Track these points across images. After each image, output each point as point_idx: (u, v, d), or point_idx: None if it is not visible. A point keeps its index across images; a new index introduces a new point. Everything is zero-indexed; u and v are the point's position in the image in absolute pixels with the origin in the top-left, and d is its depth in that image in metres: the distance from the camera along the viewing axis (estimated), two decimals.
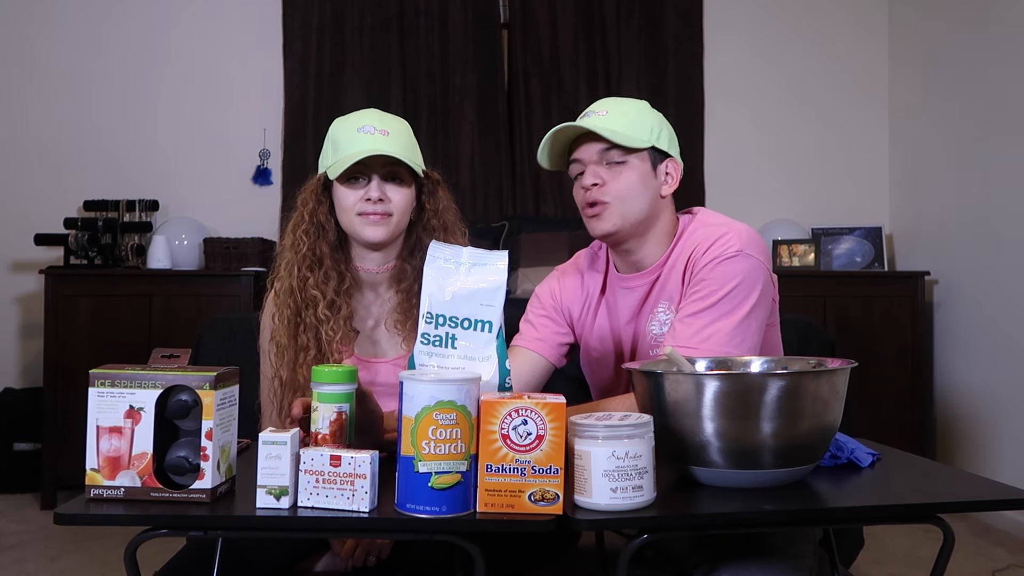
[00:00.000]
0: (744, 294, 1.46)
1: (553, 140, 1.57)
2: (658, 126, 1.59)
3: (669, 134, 1.61)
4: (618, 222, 1.54)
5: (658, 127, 1.58)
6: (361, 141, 1.59)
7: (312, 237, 1.64)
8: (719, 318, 1.45)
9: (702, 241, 1.53)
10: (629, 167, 1.54)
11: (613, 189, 1.53)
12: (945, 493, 1.23)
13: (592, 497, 1.06)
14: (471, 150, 4.26)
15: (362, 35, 4.25)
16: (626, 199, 1.53)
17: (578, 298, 1.70)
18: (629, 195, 1.53)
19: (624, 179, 1.54)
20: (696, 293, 1.48)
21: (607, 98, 1.63)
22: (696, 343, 1.44)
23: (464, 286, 1.23)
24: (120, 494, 1.13)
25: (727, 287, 1.46)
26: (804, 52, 4.40)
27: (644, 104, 1.62)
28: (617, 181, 1.53)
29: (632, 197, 1.54)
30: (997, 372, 3.50)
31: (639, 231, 1.57)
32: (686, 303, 1.50)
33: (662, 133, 1.59)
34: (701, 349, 1.42)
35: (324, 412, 1.20)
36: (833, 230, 4.15)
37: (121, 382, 1.13)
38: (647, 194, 1.55)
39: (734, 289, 1.46)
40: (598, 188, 1.53)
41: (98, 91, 4.22)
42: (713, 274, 1.47)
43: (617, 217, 1.53)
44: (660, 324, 1.56)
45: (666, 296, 1.57)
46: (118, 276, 3.79)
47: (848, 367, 1.19)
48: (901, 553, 2.95)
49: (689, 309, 1.48)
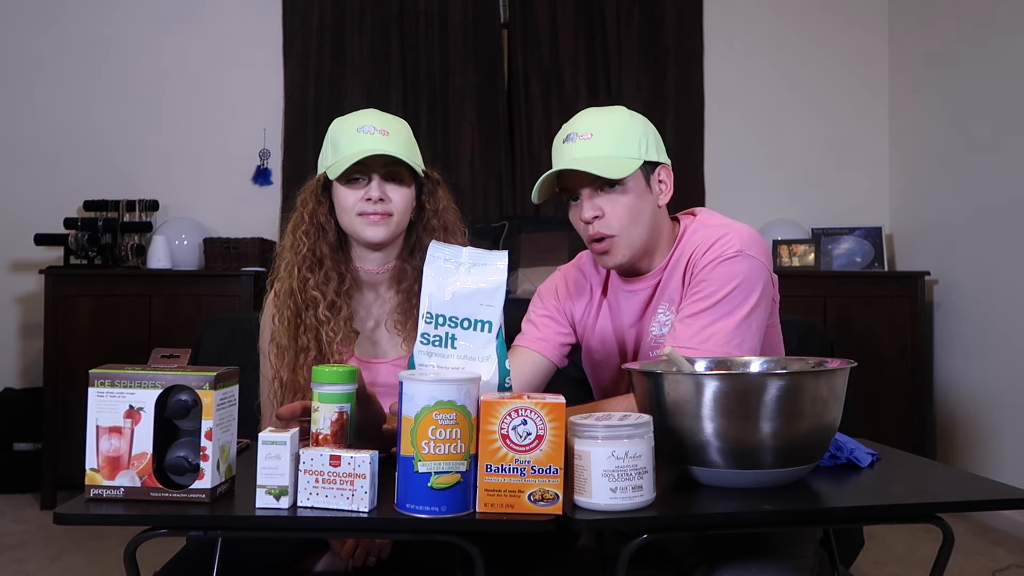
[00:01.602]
0: (744, 295, 1.46)
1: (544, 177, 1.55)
2: (644, 135, 1.53)
3: (656, 140, 1.57)
4: (627, 252, 1.53)
5: (644, 137, 1.53)
6: (361, 141, 1.58)
7: (312, 238, 1.64)
8: (719, 318, 1.45)
9: (702, 242, 1.52)
10: (624, 189, 1.51)
11: (616, 219, 1.51)
12: (945, 493, 1.23)
13: (592, 497, 1.06)
14: (471, 150, 4.26)
15: (362, 35, 4.26)
16: (629, 226, 1.52)
17: (580, 298, 1.70)
18: (631, 220, 1.52)
19: (623, 205, 1.51)
20: (696, 294, 1.48)
21: (588, 112, 1.58)
22: (696, 343, 1.43)
23: (464, 286, 1.23)
24: (120, 494, 1.13)
25: (727, 288, 1.45)
26: (804, 52, 4.41)
27: (625, 113, 1.56)
28: (616, 208, 1.51)
29: (634, 222, 1.52)
30: (997, 372, 3.50)
31: (645, 250, 1.56)
32: (686, 304, 1.49)
33: (649, 142, 1.54)
34: (701, 350, 1.42)
35: (325, 412, 1.20)
36: (833, 230, 4.16)
37: (121, 382, 1.13)
38: (647, 212, 1.54)
39: (734, 290, 1.45)
40: (599, 221, 1.52)
41: (98, 91, 4.22)
42: (713, 275, 1.47)
43: (625, 248, 1.53)
44: (660, 325, 1.56)
45: (666, 298, 1.57)
46: (118, 276, 3.80)
47: (847, 367, 1.19)
48: (901, 553, 2.95)
49: (689, 310, 1.48)
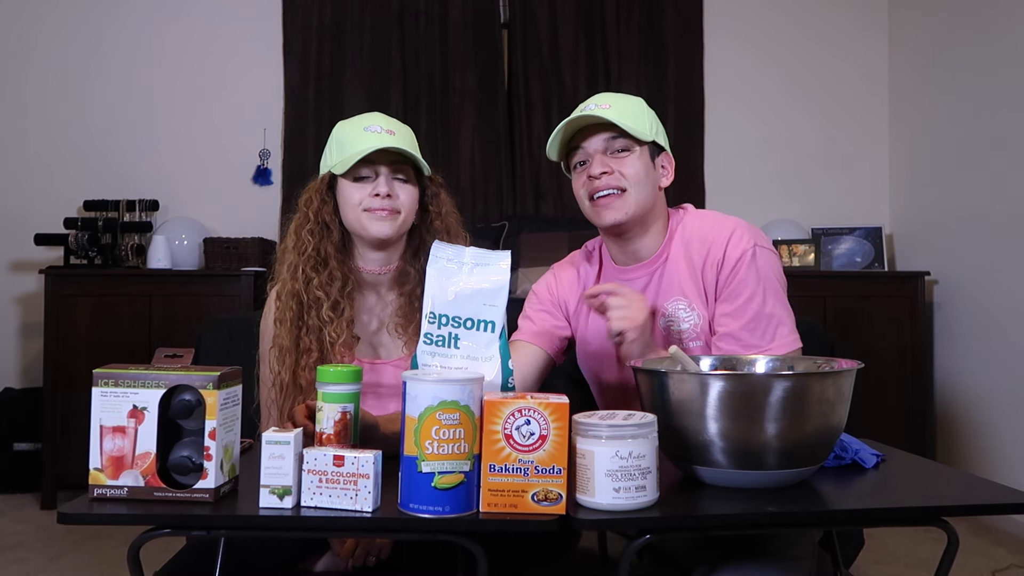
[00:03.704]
0: (780, 285, 1.56)
1: (561, 131, 1.60)
2: (654, 122, 1.65)
3: (663, 132, 1.68)
4: (632, 209, 1.57)
5: (654, 123, 1.65)
6: (368, 139, 1.59)
7: (317, 237, 1.63)
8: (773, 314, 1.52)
9: (715, 239, 1.57)
10: (634, 156, 1.59)
11: (627, 175, 1.57)
12: (949, 496, 1.23)
13: (595, 497, 1.06)
14: (471, 150, 4.26)
15: (362, 35, 4.25)
16: (638, 184, 1.58)
17: (574, 290, 1.73)
18: (640, 180, 1.58)
19: (632, 165, 1.58)
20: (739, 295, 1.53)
21: (606, 93, 1.68)
22: (765, 343, 1.51)
23: (467, 286, 1.23)
24: (123, 494, 1.13)
25: (766, 283, 1.53)
26: (804, 52, 4.40)
27: (640, 100, 1.67)
28: (626, 167, 1.58)
29: (642, 184, 1.58)
30: (997, 372, 3.50)
31: (643, 220, 1.61)
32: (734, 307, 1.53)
33: (659, 129, 1.65)
34: (773, 348, 1.50)
35: (328, 412, 1.20)
36: (833, 230, 4.16)
37: (125, 382, 1.13)
38: (651, 183, 1.61)
39: (772, 282, 1.53)
40: (609, 176, 1.57)
41: (98, 91, 4.22)
42: (748, 274, 1.53)
43: (632, 204, 1.57)
44: (680, 321, 1.58)
45: (676, 291, 1.59)
46: (118, 276, 3.79)
47: (854, 368, 1.19)
48: (901, 553, 2.95)
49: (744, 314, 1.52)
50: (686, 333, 1.57)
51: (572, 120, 1.58)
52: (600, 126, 1.58)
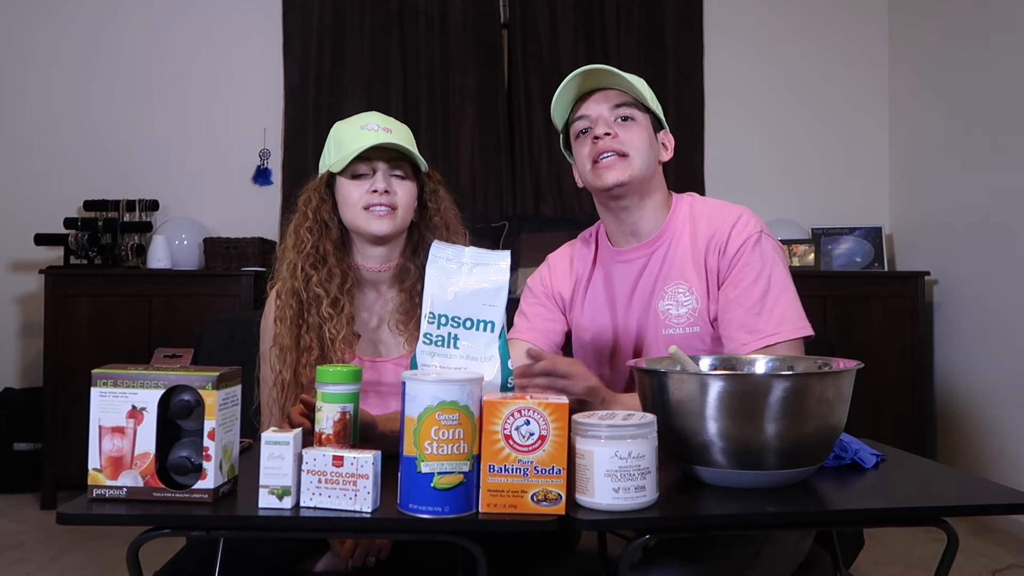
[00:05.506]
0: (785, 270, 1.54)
1: (566, 91, 1.59)
2: (655, 99, 1.65)
3: (661, 110, 1.67)
4: (633, 172, 1.56)
5: (655, 100, 1.65)
6: (366, 136, 1.60)
7: (316, 235, 1.64)
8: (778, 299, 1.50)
9: (721, 223, 1.55)
10: (637, 123, 1.59)
11: (631, 141, 1.57)
12: (950, 496, 1.22)
13: (594, 497, 1.06)
14: (471, 150, 4.26)
15: (362, 35, 4.25)
16: (641, 150, 1.58)
17: (567, 278, 1.72)
18: (643, 147, 1.58)
19: (636, 133, 1.58)
20: (743, 280, 1.51)
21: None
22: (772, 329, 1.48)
23: (466, 286, 1.23)
24: (122, 494, 1.13)
25: (771, 268, 1.51)
26: (804, 52, 4.40)
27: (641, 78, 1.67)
28: (630, 133, 1.58)
29: (645, 152, 1.58)
30: (997, 372, 3.50)
31: (643, 189, 1.59)
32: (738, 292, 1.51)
33: (658, 107, 1.66)
34: (781, 332, 1.47)
35: (328, 412, 1.20)
36: (833, 230, 4.15)
37: (123, 382, 1.13)
38: (653, 154, 1.61)
39: (776, 268, 1.52)
40: (613, 138, 1.56)
41: (98, 91, 4.22)
42: (752, 258, 1.51)
43: (634, 167, 1.56)
44: (679, 304, 1.56)
45: (676, 274, 1.57)
46: (118, 276, 3.79)
47: (854, 368, 1.18)
48: (901, 553, 2.95)
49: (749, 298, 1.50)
50: (684, 318, 1.55)
51: (582, 72, 1.56)
52: (604, 93, 1.58)
